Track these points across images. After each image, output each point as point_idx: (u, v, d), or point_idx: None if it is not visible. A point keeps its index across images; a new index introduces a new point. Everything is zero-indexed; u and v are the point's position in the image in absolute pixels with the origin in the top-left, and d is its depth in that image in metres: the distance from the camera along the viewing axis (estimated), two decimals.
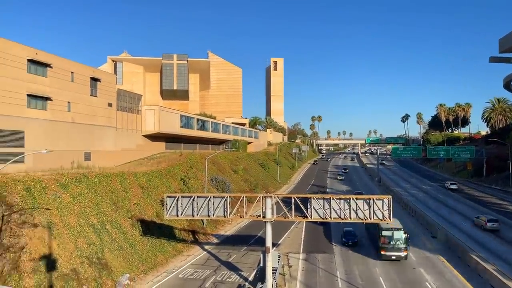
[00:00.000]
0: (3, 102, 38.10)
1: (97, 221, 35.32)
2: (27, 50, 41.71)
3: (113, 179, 42.22)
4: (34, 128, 41.90)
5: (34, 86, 42.16)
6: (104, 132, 54.21)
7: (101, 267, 31.60)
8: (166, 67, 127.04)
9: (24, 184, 31.49)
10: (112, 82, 57.45)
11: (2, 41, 38.90)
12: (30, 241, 28.07)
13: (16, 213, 28.80)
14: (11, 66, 39.25)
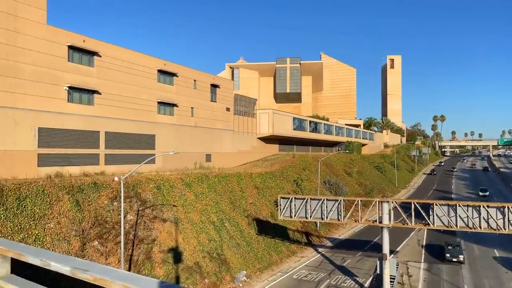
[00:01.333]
0: (139, 110, 42.92)
1: (216, 219, 37.59)
2: (157, 62, 46.38)
3: (231, 180, 44.51)
4: (163, 132, 46.38)
5: (163, 94, 46.69)
6: (223, 135, 57.53)
7: (221, 263, 33.52)
8: (279, 71, 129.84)
9: (155, 182, 34.98)
10: (230, 88, 60.74)
11: (137, 54, 43.84)
12: (160, 235, 31.06)
13: (149, 209, 32.13)
14: (145, 77, 44.04)
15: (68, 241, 25.43)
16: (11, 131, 30.97)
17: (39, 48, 33.20)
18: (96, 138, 38.33)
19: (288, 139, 75.30)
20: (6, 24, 30.88)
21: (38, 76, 33.05)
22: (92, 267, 3.44)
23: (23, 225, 23.99)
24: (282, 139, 73.48)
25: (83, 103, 37.38)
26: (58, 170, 33.30)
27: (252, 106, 66.91)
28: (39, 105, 33.05)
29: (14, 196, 24.51)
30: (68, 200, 27.27)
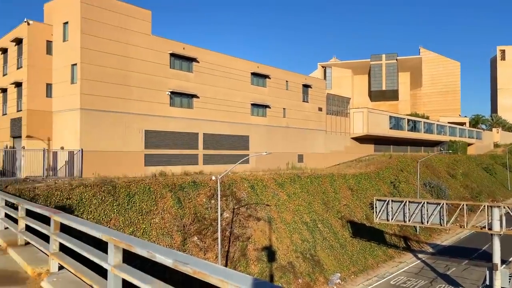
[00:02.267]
0: (234, 112, 44.58)
1: (309, 219, 37.45)
2: (250, 65, 47.69)
3: (323, 180, 44.02)
4: (256, 133, 47.53)
5: (256, 96, 47.85)
6: (315, 135, 57.13)
7: (314, 264, 33.32)
8: (374, 68, 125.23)
9: (249, 182, 35.99)
10: (322, 88, 60.11)
11: (231, 58, 45.54)
12: (254, 233, 31.86)
13: (243, 207, 33.16)
14: (239, 80, 45.58)
15: (171, 236, 27.31)
16: (122, 133, 34.23)
17: (145, 57, 36.20)
18: (195, 139, 40.66)
19: (384, 138, 72.19)
20: (118, 37, 34.20)
21: (144, 83, 36.06)
22: (192, 261, 3.66)
23: (132, 219, 26.34)
24: (377, 139, 70.67)
25: (183, 107, 39.88)
26: (162, 169, 35.95)
27: (345, 105, 65.40)
28: (145, 110, 36.02)
29: (125, 192, 27.03)
30: (171, 197, 29.29)
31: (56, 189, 24.36)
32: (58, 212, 7.09)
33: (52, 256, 6.80)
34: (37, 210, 8.07)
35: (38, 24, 34.81)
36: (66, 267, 6.35)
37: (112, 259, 4.79)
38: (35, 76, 34.08)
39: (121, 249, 4.77)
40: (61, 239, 6.55)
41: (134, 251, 4.40)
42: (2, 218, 10.69)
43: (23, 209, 8.94)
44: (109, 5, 34.07)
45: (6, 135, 37.48)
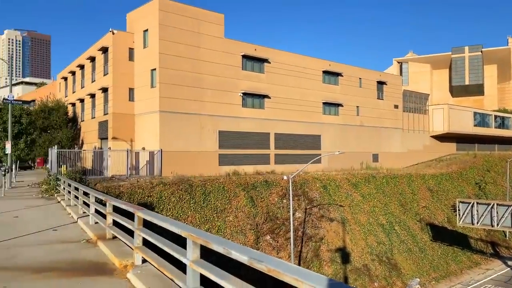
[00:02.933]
0: (305, 111, 44.32)
1: (385, 221, 36.07)
2: (322, 63, 47.07)
3: (400, 181, 42.13)
4: (328, 132, 46.79)
5: (328, 95, 47.13)
6: (391, 133, 54.88)
7: (391, 267, 32.03)
8: (456, 61, 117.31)
9: (321, 182, 35.55)
10: (398, 84, 57.58)
11: (302, 57, 45.29)
12: (327, 234, 31.40)
13: (316, 207, 32.83)
14: (310, 78, 45.21)
15: (245, 234, 27.85)
16: (197, 134, 35.60)
17: (218, 59, 37.30)
18: (266, 139, 41.06)
19: (467, 136, 67.30)
20: (192, 41, 35.63)
21: (217, 84, 37.16)
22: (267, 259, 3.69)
23: (208, 217, 27.28)
24: (460, 137, 66.07)
25: (255, 107, 40.47)
26: (235, 168, 36.79)
27: (424, 101, 62.01)
28: (219, 111, 37.11)
29: (201, 191, 28.07)
30: (244, 196, 29.87)
31: (138, 187, 25.98)
32: (141, 208, 7.55)
33: (136, 250, 7.26)
34: (123, 206, 8.67)
35: (121, 33, 37.38)
36: (149, 260, 6.74)
37: (190, 255, 4.99)
38: (119, 81, 36.64)
39: (199, 245, 4.96)
40: (144, 234, 6.97)
41: (211, 247, 4.54)
42: (93, 213, 11.63)
43: (110, 206, 9.64)
44: (185, 11, 35.61)
45: (95, 137, 40.73)
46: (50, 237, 10.75)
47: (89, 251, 9.09)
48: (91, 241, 10.15)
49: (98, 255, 8.73)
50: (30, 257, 8.64)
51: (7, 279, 7.04)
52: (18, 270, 7.60)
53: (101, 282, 6.84)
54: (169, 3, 34.97)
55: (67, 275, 7.25)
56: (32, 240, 10.37)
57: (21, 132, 36.25)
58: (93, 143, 40.95)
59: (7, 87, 46.55)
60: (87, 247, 9.52)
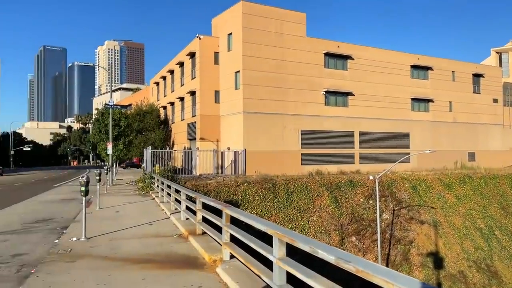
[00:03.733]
0: (392, 108, 42.43)
1: (484, 225, 33.20)
2: (410, 57, 44.70)
3: (501, 181, 38.46)
4: (418, 130, 44.26)
5: (417, 90, 44.62)
6: (489, 130, 50.36)
7: (490, 275, 29.41)
8: None
9: (410, 182, 33.77)
10: (497, 76, 52.66)
11: (387, 52, 43.43)
12: (418, 237, 29.75)
13: (405, 209, 31.27)
14: (397, 74, 43.16)
15: (329, 234, 27.47)
16: (280, 134, 35.89)
17: (300, 58, 37.24)
18: (350, 138, 40.05)
19: None
20: (274, 41, 36.01)
21: (299, 84, 37.11)
22: (354, 259, 3.62)
23: (291, 216, 27.37)
24: None
25: (338, 105, 39.72)
26: (318, 168, 36.42)
27: None
28: (301, 110, 37.03)
29: (284, 190, 28.26)
30: (328, 196, 29.46)
31: (224, 185, 26.92)
32: (229, 206, 7.83)
33: (224, 246, 7.54)
34: (211, 203, 9.06)
35: (207, 37, 39.03)
36: (236, 256, 6.97)
37: (276, 252, 5.07)
38: (205, 84, 38.31)
39: (285, 243, 5.01)
40: (232, 230, 7.22)
41: (297, 246, 4.57)
42: (184, 210, 12.32)
43: (200, 203, 10.14)
44: (267, 13, 36.12)
45: (184, 138, 43.04)
46: (146, 231, 11.60)
47: (181, 246, 9.64)
48: (182, 236, 10.75)
49: (189, 249, 9.22)
50: (129, 249, 9.41)
51: (111, 268, 7.76)
52: (119, 261, 8.32)
53: (193, 275, 7.22)
54: (252, 6, 35.73)
55: (161, 267, 7.78)
56: (131, 233, 11.27)
57: (120, 134, 39.51)
58: (182, 144, 43.31)
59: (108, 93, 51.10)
60: (179, 242, 10.10)
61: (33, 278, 7.13)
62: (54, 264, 8.07)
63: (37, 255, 8.87)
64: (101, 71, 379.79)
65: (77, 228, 11.73)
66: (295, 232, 5.27)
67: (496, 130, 51.10)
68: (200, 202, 10.10)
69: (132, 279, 7.00)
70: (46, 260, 8.35)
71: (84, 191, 10.41)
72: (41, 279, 7.06)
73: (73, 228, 12.14)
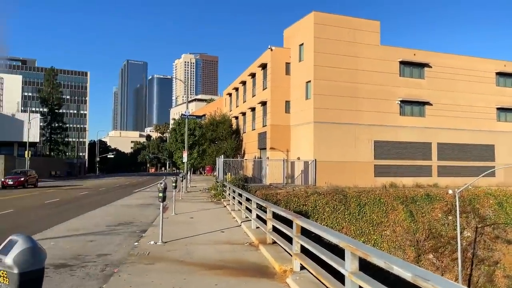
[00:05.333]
0: (474, 118, 39.62)
1: None
2: (495, 64, 41.58)
3: None
4: (505, 142, 40.81)
5: (503, 99, 41.29)
6: None
7: None
8: None
9: (495, 198, 31.22)
10: None
11: (469, 59, 40.81)
12: (504, 257, 27.35)
13: (489, 227, 28.94)
14: (480, 82, 40.29)
15: (403, 250, 26.21)
16: (351, 144, 35.08)
17: (373, 67, 36.24)
18: (427, 149, 38.02)
19: None
20: (347, 51, 35.45)
21: (372, 93, 36.07)
22: (434, 278, 3.46)
23: (363, 229, 26.55)
24: None
25: (414, 115, 37.98)
26: (392, 180, 34.95)
27: None
28: (374, 120, 35.91)
29: (356, 202, 27.52)
30: (402, 210, 28.17)
31: (294, 195, 26.86)
32: (299, 216, 7.83)
33: (295, 256, 7.54)
34: (282, 213, 9.12)
35: (279, 49, 39.50)
36: (307, 267, 6.94)
37: (349, 266, 4.98)
38: (276, 95, 38.71)
39: (358, 256, 4.91)
40: (302, 241, 7.20)
41: (370, 260, 4.46)
42: (255, 218, 12.51)
43: (270, 212, 10.24)
44: (340, 22, 35.75)
45: (255, 147, 43.72)
46: (218, 238, 11.94)
47: (252, 254, 9.79)
48: (253, 244, 10.91)
49: (260, 258, 9.33)
50: (203, 254, 9.75)
51: (186, 272, 8.10)
52: (193, 265, 8.66)
53: (264, 284, 7.30)
54: (323, 16, 35.59)
55: (233, 274, 7.96)
56: (204, 239, 11.68)
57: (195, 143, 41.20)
58: (253, 153, 44.00)
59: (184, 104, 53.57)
60: (250, 250, 10.27)
61: (115, 277, 7.66)
62: (134, 265, 8.61)
63: (119, 256, 9.52)
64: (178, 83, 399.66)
65: (154, 232, 12.40)
66: (368, 246, 5.14)
67: None
68: (271, 211, 10.20)
69: (206, 284, 7.25)
70: (127, 261, 8.92)
71: (162, 197, 10.98)
72: (123, 279, 7.57)
73: (151, 232, 12.85)
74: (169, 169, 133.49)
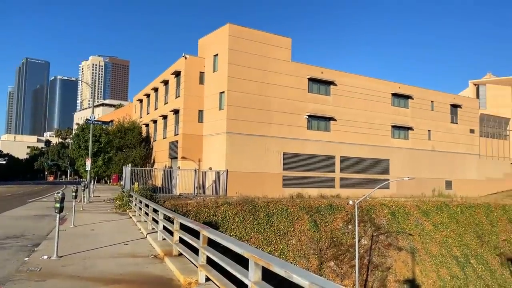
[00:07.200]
0: (373, 134, 43.11)
1: (460, 254, 33.58)
2: (391, 85, 45.79)
3: (477, 211, 39.14)
4: (397, 157, 44.97)
5: (397, 118, 45.55)
6: (466, 159, 51.53)
7: None
8: None
9: (389, 208, 34.07)
10: (474, 107, 54.30)
11: (370, 80, 44.44)
12: (395, 263, 29.84)
13: (383, 235, 31.43)
14: (379, 101, 44.07)
15: (308, 259, 27.32)
16: (262, 156, 35.95)
17: (284, 82, 37.72)
18: (331, 162, 40.39)
19: None
20: (260, 65, 36.46)
21: (283, 107, 37.48)
22: (329, 285, 3.61)
23: (271, 239, 27.18)
24: None
25: (320, 130, 40.16)
26: (299, 191, 36.48)
27: (504, 126, 57.77)
28: (284, 133, 37.28)
29: (264, 212, 28.12)
30: (308, 220, 29.43)
31: (204, 206, 26.65)
32: (206, 227, 7.75)
33: (200, 268, 7.43)
34: (189, 224, 8.95)
35: (193, 57, 39.28)
36: (212, 279, 6.86)
37: (252, 275, 5.02)
38: (189, 104, 38.33)
39: (261, 266, 4.97)
40: (208, 252, 7.13)
41: (272, 269, 4.54)
42: (161, 230, 12.12)
43: (177, 223, 10.00)
44: (254, 36, 36.67)
45: (165, 156, 42.68)
46: (121, 251, 11.34)
47: (156, 267, 9.44)
48: (158, 256, 10.55)
49: (165, 270, 9.04)
50: (102, 268, 9.17)
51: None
52: (91, 281, 8.09)
53: None
54: (238, 29, 36.25)
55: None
56: (105, 253, 11.00)
57: (100, 150, 38.99)
58: (163, 162, 42.90)
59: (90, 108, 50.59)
60: (155, 263, 9.90)
61: None
62: (22, 283, 7.80)
63: (5, 273, 8.57)
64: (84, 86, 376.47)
65: (49, 245, 11.40)
66: (272, 255, 5.24)
67: (472, 160, 52.32)
68: (178, 222, 9.97)
69: None
70: (15, 278, 8.06)
71: (58, 208, 10.15)
72: None
73: (45, 245, 11.79)
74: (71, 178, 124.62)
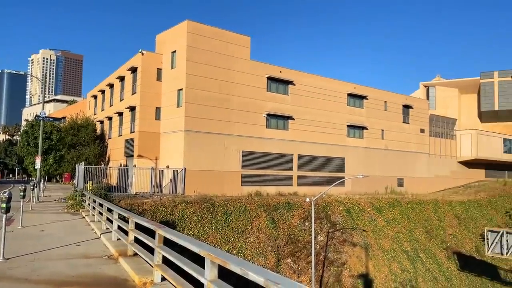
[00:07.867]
0: (329, 133, 44.09)
1: (410, 248, 35.07)
2: (347, 86, 47.01)
3: (426, 207, 41.05)
4: (352, 155, 46.28)
5: (352, 117, 46.85)
6: (416, 158, 53.85)
7: None
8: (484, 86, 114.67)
9: (344, 205, 35.02)
10: (424, 108, 56.80)
11: (327, 80, 45.38)
12: (350, 259, 30.73)
13: (338, 231, 32.27)
14: (335, 101, 45.12)
15: (265, 256, 27.56)
16: (221, 154, 35.84)
17: (243, 81, 37.78)
18: (290, 160, 40.92)
19: (496, 163, 65.33)
20: (219, 63, 36.30)
21: (242, 105, 37.53)
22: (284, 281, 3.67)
23: (229, 237, 27.18)
24: (488, 163, 64.19)
25: (278, 128, 40.56)
26: (258, 189, 36.70)
27: (451, 126, 60.84)
28: (243, 131, 37.35)
29: (223, 211, 28.07)
30: (265, 217, 29.68)
31: (161, 205, 26.22)
32: (162, 226, 7.63)
33: (156, 268, 7.31)
34: (144, 224, 8.78)
35: (150, 53, 38.47)
36: (167, 279, 6.77)
37: (208, 274, 5.00)
38: (146, 100, 37.52)
39: (217, 265, 4.97)
40: (164, 252, 7.03)
41: (229, 268, 4.55)
42: (116, 230, 11.81)
43: (132, 223, 9.79)
44: (213, 34, 36.43)
45: (121, 154, 41.56)
46: (73, 252, 10.95)
47: (110, 267, 9.20)
48: (112, 257, 10.28)
49: (119, 271, 8.82)
50: (52, 270, 8.82)
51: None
52: (41, 283, 7.76)
53: None
54: (197, 26, 35.88)
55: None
56: (56, 254, 10.58)
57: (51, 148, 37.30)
58: (119, 160, 41.76)
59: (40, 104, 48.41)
60: (109, 263, 9.64)
61: None
62: None
63: None
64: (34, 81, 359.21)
65: None
66: (228, 253, 5.25)
67: (422, 158, 54.75)
68: (133, 222, 9.75)
69: None
70: None
71: (4, 208, 9.66)
72: None
73: None
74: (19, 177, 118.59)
